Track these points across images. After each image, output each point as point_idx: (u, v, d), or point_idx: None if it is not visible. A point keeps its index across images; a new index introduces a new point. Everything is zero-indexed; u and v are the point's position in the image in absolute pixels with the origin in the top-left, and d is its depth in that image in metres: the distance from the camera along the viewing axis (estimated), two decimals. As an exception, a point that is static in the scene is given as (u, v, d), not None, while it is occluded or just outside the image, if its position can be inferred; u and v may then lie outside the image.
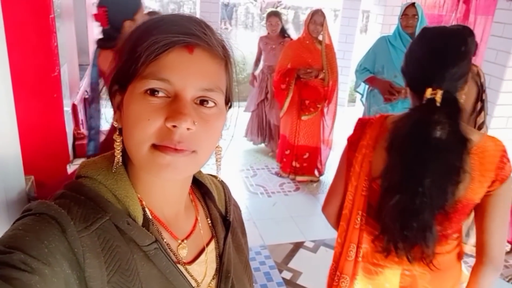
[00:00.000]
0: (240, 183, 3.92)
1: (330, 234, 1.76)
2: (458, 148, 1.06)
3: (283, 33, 4.28)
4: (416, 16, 3.07)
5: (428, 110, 1.07)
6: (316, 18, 3.58)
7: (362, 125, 1.25)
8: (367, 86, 3.45)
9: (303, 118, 3.78)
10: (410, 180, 1.08)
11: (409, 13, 3.07)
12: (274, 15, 4.27)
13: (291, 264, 2.81)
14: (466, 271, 1.50)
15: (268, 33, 4.31)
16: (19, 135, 2.77)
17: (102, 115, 2.18)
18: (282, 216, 3.41)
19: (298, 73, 3.65)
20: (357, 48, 5.44)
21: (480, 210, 1.14)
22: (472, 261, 1.22)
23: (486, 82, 2.29)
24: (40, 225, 0.49)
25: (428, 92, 1.07)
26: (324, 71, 3.68)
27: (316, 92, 3.73)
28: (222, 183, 0.78)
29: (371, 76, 3.25)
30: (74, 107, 3.41)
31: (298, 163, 3.93)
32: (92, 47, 3.20)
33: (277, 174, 4.11)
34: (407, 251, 1.14)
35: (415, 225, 1.09)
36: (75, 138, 3.31)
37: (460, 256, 1.26)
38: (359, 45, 5.41)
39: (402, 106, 3.02)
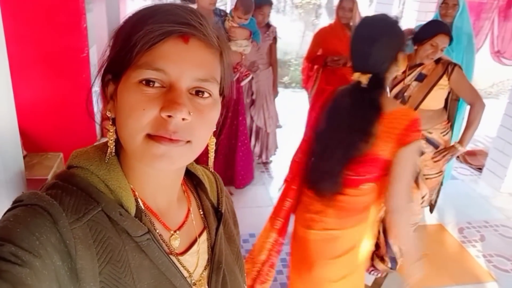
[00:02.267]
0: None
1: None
2: (369, 115, 1.38)
3: (267, 23, 3.62)
4: (457, 6, 2.96)
5: (354, 88, 1.43)
6: (345, 4, 3.45)
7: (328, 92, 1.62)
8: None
9: None
10: (327, 136, 1.47)
11: (449, 2, 2.97)
12: (267, 3, 3.54)
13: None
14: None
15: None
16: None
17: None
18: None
19: (326, 61, 3.55)
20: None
21: (390, 169, 1.42)
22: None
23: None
24: (31, 217, 0.49)
25: (356, 75, 1.43)
26: None
27: (344, 80, 3.59)
28: (214, 174, 0.78)
29: None
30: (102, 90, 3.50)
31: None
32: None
33: None
34: (318, 191, 1.50)
35: (325, 168, 1.46)
36: (102, 118, 3.40)
37: (367, 208, 1.54)
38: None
39: None
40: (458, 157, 4.54)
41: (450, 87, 2.42)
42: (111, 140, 0.58)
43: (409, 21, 4.50)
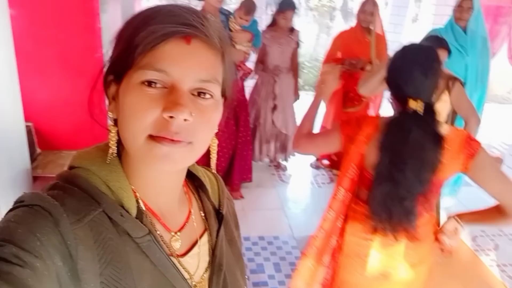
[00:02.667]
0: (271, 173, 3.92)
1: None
2: (434, 146, 1.34)
3: (291, 27, 3.56)
4: (471, 9, 2.94)
5: (411, 117, 1.35)
6: (367, 8, 3.42)
7: (358, 121, 1.49)
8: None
9: (347, 110, 3.64)
10: (395, 173, 1.36)
11: (464, 6, 2.96)
12: (290, 8, 3.43)
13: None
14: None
15: (276, 25, 3.51)
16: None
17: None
18: (313, 208, 3.38)
19: (344, 63, 3.49)
20: (406, 38, 5.20)
21: (483, 185, 1.39)
22: None
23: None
24: (33, 217, 0.49)
25: (412, 104, 1.35)
26: (372, 63, 3.46)
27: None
28: (215, 176, 0.78)
29: None
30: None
31: (337, 156, 3.85)
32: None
33: (314, 166, 4.06)
34: (392, 231, 1.41)
35: (400, 209, 1.37)
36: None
37: (434, 228, 1.52)
38: (408, 35, 5.17)
39: None
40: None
41: (451, 101, 2.40)
42: (113, 141, 0.58)
43: (425, 25, 4.45)
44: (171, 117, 0.51)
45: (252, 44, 3.24)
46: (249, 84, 3.65)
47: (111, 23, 3.16)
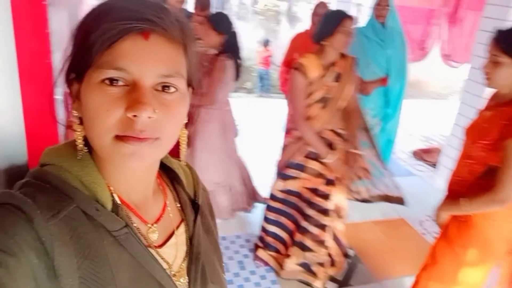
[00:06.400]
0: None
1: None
2: None
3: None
4: (387, 7, 3.23)
5: None
6: (318, 10, 3.60)
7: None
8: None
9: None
10: None
11: (382, 4, 3.24)
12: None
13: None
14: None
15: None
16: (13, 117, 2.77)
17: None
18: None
19: None
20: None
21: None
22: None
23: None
24: (4, 216, 0.48)
25: None
26: None
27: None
28: (190, 167, 0.78)
29: None
30: (66, 95, 3.42)
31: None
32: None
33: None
34: None
35: None
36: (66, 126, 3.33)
37: None
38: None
39: (375, 96, 3.31)
40: (415, 154, 4.81)
41: None
42: (80, 139, 0.57)
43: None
44: (134, 116, 0.51)
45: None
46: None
47: (58, 29, 3.06)
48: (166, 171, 0.73)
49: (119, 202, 0.59)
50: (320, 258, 2.46)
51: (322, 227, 2.41)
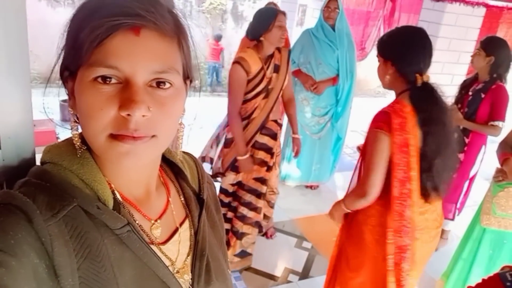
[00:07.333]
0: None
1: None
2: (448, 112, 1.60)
3: None
4: (337, 10, 3.33)
5: (428, 89, 1.54)
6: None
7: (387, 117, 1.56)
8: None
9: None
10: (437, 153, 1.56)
11: (331, 6, 3.32)
12: None
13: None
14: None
15: None
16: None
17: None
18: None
19: None
20: (293, 41, 5.64)
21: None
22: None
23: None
24: (5, 216, 0.47)
25: (426, 77, 1.54)
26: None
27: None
28: (195, 160, 0.76)
29: (296, 69, 3.47)
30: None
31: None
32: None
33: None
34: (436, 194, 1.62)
35: (445, 178, 1.61)
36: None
37: None
38: (295, 38, 5.62)
39: (325, 95, 3.48)
40: (358, 149, 5.08)
41: None
42: (76, 137, 0.57)
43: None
44: (128, 115, 0.50)
45: None
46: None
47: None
48: (169, 165, 0.71)
49: (120, 199, 0.58)
50: (254, 238, 2.59)
51: (257, 209, 2.53)
